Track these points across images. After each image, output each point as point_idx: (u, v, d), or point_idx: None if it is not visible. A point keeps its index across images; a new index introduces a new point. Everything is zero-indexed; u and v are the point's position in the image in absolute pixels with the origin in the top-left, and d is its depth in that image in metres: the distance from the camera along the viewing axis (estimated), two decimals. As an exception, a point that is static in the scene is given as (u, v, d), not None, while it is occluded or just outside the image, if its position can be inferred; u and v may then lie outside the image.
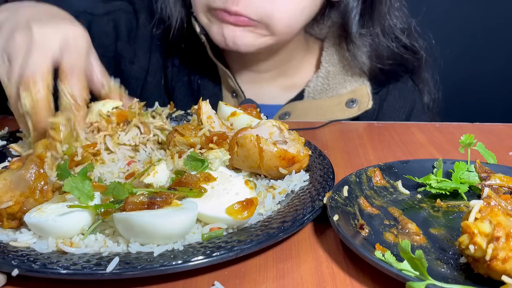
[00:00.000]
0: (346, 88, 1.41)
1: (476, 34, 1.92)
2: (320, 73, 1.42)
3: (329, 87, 1.41)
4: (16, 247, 0.65)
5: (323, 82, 1.41)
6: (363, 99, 1.39)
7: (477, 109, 1.97)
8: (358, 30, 1.35)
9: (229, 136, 0.88)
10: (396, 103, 1.43)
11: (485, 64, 1.96)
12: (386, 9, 1.34)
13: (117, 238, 0.67)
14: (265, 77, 1.45)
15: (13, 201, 0.69)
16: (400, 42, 1.37)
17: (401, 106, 1.43)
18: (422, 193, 0.85)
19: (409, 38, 1.39)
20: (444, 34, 1.90)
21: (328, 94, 1.41)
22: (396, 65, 1.40)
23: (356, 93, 1.40)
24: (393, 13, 1.35)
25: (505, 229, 0.58)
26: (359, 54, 1.36)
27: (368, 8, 1.34)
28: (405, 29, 1.38)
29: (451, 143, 1.15)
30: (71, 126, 0.89)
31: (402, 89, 1.45)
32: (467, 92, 1.98)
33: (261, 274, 0.66)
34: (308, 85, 1.43)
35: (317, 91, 1.42)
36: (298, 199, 0.79)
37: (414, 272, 0.59)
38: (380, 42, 1.36)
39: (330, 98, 1.41)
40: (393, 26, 1.36)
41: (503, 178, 0.84)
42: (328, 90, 1.41)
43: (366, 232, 0.71)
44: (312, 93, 1.42)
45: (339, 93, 1.41)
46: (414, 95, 1.47)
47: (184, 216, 0.65)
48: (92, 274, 0.59)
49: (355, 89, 1.40)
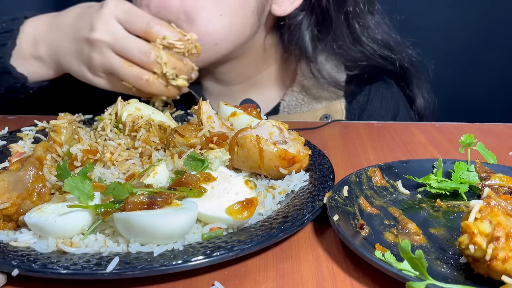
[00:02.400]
0: (321, 103, 1.39)
1: (477, 34, 1.92)
2: (295, 87, 1.39)
3: (304, 102, 1.39)
4: (16, 247, 0.65)
5: (297, 97, 1.39)
6: (337, 115, 1.37)
7: (477, 109, 1.97)
8: (316, 49, 1.30)
9: (229, 136, 0.88)
10: (377, 112, 1.40)
11: (485, 64, 1.95)
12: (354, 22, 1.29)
13: (117, 238, 0.67)
14: (236, 90, 1.41)
15: (9, 203, 0.69)
16: (374, 51, 1.33)
17: (382, 115, 1.40)
18: (422, 193, 0.85)
19: (387, 50, 1.35)
20: (444, 33, 1.90)
21: (303, 108, 1.39)
22: (372, 67, 1.36)
23: (330, 108, 1.38)
24: (361, 24, 1.30)
25: (505, 229, 0.58)
26: (324, 72, 1.32)
27: (324, 25, 1.29)
28: (381, 41, 1.34)
29: (451, 143, 1.15)
30: (72, 129, 0.89)
31: (384, 97, 1.42)
32: (467, 92, 1.98)
33: (261, 274, 0.66)
34: (283, 98, 1.40)
35: (292, 106, 1.40)
36: (298, 199, 0.79)
37: (414, 272, 0.59)
38: (349, 49, 1.31)
39: (305, 112, 1.39)
40: (365, 37, 1.31)
41: (503, 178, 0.84)
42: (302, 105, 1.39)
43: (366, 232, 0.71)
44: (287, 108, 1.40)
45: (314, 108, 1.38)
46: (398, 102, 1.44)
47: (184, 216, 0.65)
48: (92, 274, 0.59)
49: (329, 104, 1.38)
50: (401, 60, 1.37)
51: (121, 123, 0.95)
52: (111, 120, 0.96)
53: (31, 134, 1.02)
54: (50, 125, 0.90)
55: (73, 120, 0.91)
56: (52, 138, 0.86)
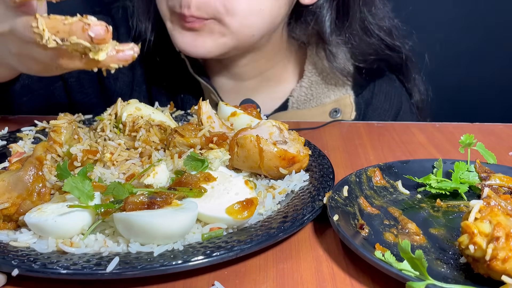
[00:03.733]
0: (330, 98, 1.40)
1: (477, 33, 1.92)
2: (303, 82, 1.40)
3: (313, 97, 1.40)
4: (16, 247, 0.65)
5: (306, 92, 1.40)
6: (346, 109, 1.38)
7: (477, 109, 1.96)
8: (333, 34, 1.32)
9: (229, 136, 0.88)
10: (381, 106, 1.41)
11: (485, 64, 1.95)
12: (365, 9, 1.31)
13: (117, 238, 0.67)
14: (248, 86, 1.43)
15: (9, 203, 0.69)
16: (381, 40, 1.36)
17: (386, 109, 1.41)
18: (422, 193, 0.85)
19: (390, 38, 1.37)
20: (444, 33, 1.90)
21: (312, 103, 1.40)
22: (379, 61, 1.39)
23: (339, 102, 1.39)
24: (371, 13, 1.33)
25: (505, 229, 0.58)
26: (338, 59, 1.34)
27: (342, 10, 1.31)
28: (386, 29, 1.36)
29: (451, 143, 1.15)
30: (72, 129, 0.89)
31: (388, 92, 1.43)
32: (467, 92, 1.98)
33: (261, 274, 0.66)
34: (292, 94, 1.42)
35: (300, 101, 1.41)
36: (298, 199, 0.79)
37: (414, 272, 0.59)
38: (361, 39, 1.34)
39: (314, 108, 1.40)
40: (373, 25, 1.34)
41: (503, 178, 0.84)
42: (311, 100, 1.40)
43: (366, 232, 0.71)
44: (296, 103, 1.41)
45: (323, 102, 1.39)
46: (401, 97, 1.45)
47: (184, 216, 0.65)
48: (92, 274, 0.59)
49: (338, 98, 1.39)
50: (405, 50, 1.39)
51: (121, 123, 0.95)
52: (110, 121, 0.96)
53: (31, 134, 1.02)
54: (50, 125, 0.90)
55: (73, 120, 0.91)
56: (52, 138, 0.86)
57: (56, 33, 0.86)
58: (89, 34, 0.84)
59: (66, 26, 0.85)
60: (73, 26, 0.87)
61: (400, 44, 1.38)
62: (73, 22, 0.85)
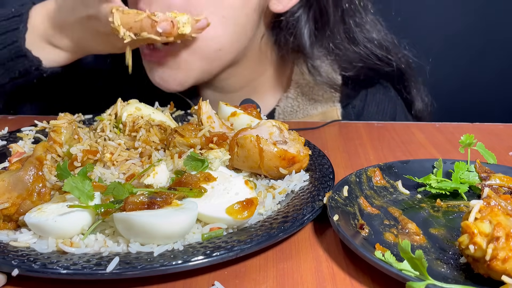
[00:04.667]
0: (317, 109, 1.35)
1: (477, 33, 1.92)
2: (289, 93, 1.36)
3: (299, 108, 1.36)
4: (16, 247, 0.65)
5: (292, 104, 1.36)
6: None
7: (477, 109, 1.96)
8: (314, 47, 1.27)
9: (229, 136, 0.88)
10: (372, 117, 1.38)
11: (485, 64, 1.95)
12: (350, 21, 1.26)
13: (117, 238, 0.67)
14: (234, 98, 1.36)
15: (9, 203, 0.69)
16: (371, 52, 1.30)
17: (378, 120, 1.36)
18: (422, 193, 0.85)
19: (381, 50, 1.31)
20: (445, 33, 1.90)
21: (299, 115, 1.36)
22: (369, 70, 1.33)
23: (326, 115, 1.34)
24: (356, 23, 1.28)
25: (505, 229, 0.58)
26: (321, 72, 1.29)
27: (321, 21, 1.26)
28: (377, 42, 1.31)
29: (451, 143, 1.15)
30: (72, 129, 0.89)
31: (381, 101, 1.39)
32: (467, 92, 1.98)
33: (261, 274, 0.66)
34: (278, 104, 1.38)
35: (287, 112, 1.37)
36: (298, 199, 0.79)
37: (414, 272, 0.59)
38: (347, 49, 1.28)
39: (300, 119, 1.36)
40: (360, 37, 1.28)
41: (503, 178, 0.84)
42: (298, 111, 1.36)
43: (366, 232, 0.71)
44: (283, 114, 1.37)
45: (310, 114, 1.35)
46: (395, 106, 1.41)
47: (184, 216, 0.65)
48: (92, 274, 0.59)
49: (325, 111, 1.35)
50: (398, 62, 1.35)
51: (121, 123, 0.95)
52: (110, 121, 0.96)
53: (31, 134, 1.02)
54: (50, 125, 0.90)
55: (73, 120, 0.91)
56: (52, 138, 0.86)
57: (130, 28, 1.04)
58: (157, 30, 1.01)
59: (137, 23, 1.02)
60: (143, 23, 1.03)
61: (392, 57, 1.33)
62: (142, 19, 1.02)
